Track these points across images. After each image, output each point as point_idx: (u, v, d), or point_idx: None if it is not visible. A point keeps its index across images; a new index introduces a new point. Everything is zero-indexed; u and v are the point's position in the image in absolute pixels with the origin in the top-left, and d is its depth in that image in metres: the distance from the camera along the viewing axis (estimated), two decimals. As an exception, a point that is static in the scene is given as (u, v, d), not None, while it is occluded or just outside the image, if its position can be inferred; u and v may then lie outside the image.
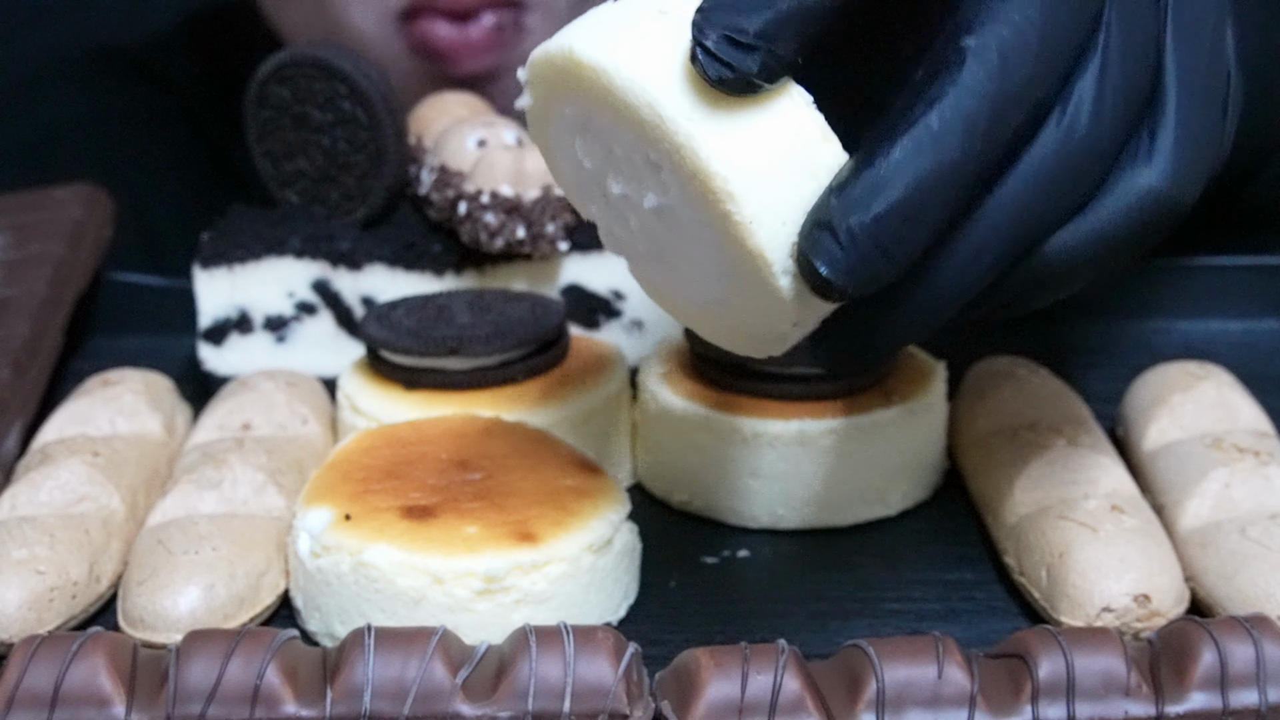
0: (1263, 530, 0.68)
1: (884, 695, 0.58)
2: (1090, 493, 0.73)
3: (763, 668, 0.58)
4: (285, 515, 0.72)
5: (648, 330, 0.88)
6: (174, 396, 0.83)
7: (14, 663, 0.58)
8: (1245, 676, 0.58)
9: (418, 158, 0.89)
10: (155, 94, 1.10)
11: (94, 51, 1.21)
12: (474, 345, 0.77)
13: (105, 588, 0.70)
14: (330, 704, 0.57)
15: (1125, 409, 0.82)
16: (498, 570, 0.65)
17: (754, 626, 0.69)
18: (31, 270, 0.89)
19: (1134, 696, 0.58)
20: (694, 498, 0.78)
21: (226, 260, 0.86)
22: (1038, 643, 0.59)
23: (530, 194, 0.82)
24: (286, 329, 0.87)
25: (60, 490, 0.72)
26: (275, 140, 0.88)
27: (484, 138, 0.86)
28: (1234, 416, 0.78)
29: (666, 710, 0.58)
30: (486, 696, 0.57)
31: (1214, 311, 0.99)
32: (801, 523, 0.77)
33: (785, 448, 0.75)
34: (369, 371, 0.80)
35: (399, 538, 0.65)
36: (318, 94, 0.86)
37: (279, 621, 0.70)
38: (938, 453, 0.80)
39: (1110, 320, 0.99)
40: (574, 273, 0.87)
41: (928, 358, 0.81)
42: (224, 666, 0.57)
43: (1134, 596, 0.66)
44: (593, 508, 0.68)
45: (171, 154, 1.20)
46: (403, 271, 0.86)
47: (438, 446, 0.72)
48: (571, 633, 0.59)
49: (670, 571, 0.73)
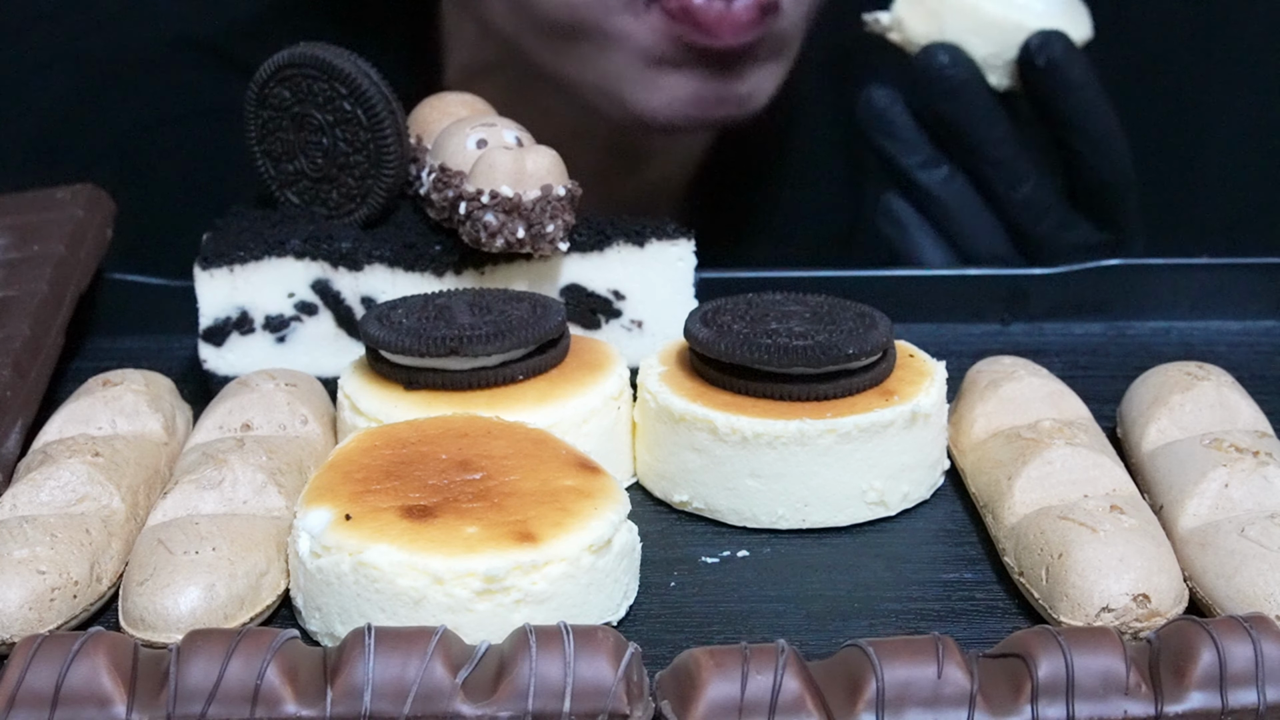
0: (1262, 530, 0.69)
1: (884, 695, 0.58)
2: (1090, 493, 0.73)
3: (763, 668, 0.58)
4: (285, 515, 0.72)
5: (648, 330, 0.88)
6: (174, 396, 0.83)
7: (15, 662, 0.58)
8: (1244, 676, 0.58)
9: (418, 158, 0.89)
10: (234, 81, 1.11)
11: (174, 41, 1.22)
12: (474, 345, 0.77)
13: (106, 587, 0.70)
14: (330, 704, 0.57)
15: (1125, 409, 0.82)
16: (498, 570, 0.65)
17: (754, 626, 0.69)
18: (32, 270, 0.89)
19: (1133, 696, 0.58)
20: (694, 498, 0.78)
21: (227, 260, 0.86)
22: (1037, 643, 0.59)
23: (530, 194, 0.82)
24: (287, 329, 0.87)
25: (61, 490, 0.72)
26: (275, 140, 0.89)
27: (484, 138, 0.86)
28: (1233, 417, 0.78)
29: (666, 710, 0.58)
30: (486, 696, 0.58)
31: (1214, 311, 0.99)
32: (801, 523, 0.77)
33: (785, 448, 0.75)
34: (369, 371, 0.80)
35: (399, 538, 0.66)
36: (318, 94, 0.86)
37: (279, 621, 0.70)
38: (938, 453, 0.80)
39: (1110, 320, 0.99)
40: (574, 273, 0.87)
41: (928, 358, 0.81)
42: (224, 666, 0.57)
43: (1133, 596, 0.66)
44: (593, 508, 0.68)
45: (172, 154, 1.20)
46: (403, 271, 0.86)
47: (438, 446, 0.72)
48: (571, 633, 0.59)
49: (670, 571, 0.73)
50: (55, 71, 1.22)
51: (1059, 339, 0.98)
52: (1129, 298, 0.99)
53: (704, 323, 0.79)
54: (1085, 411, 0.81)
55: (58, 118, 1.22)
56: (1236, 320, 0.99)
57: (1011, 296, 0.99)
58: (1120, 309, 0.99)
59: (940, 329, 0.98)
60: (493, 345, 0.77)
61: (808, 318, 0.78)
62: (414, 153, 0.89)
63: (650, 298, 0.88)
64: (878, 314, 0.79)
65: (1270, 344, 0.96)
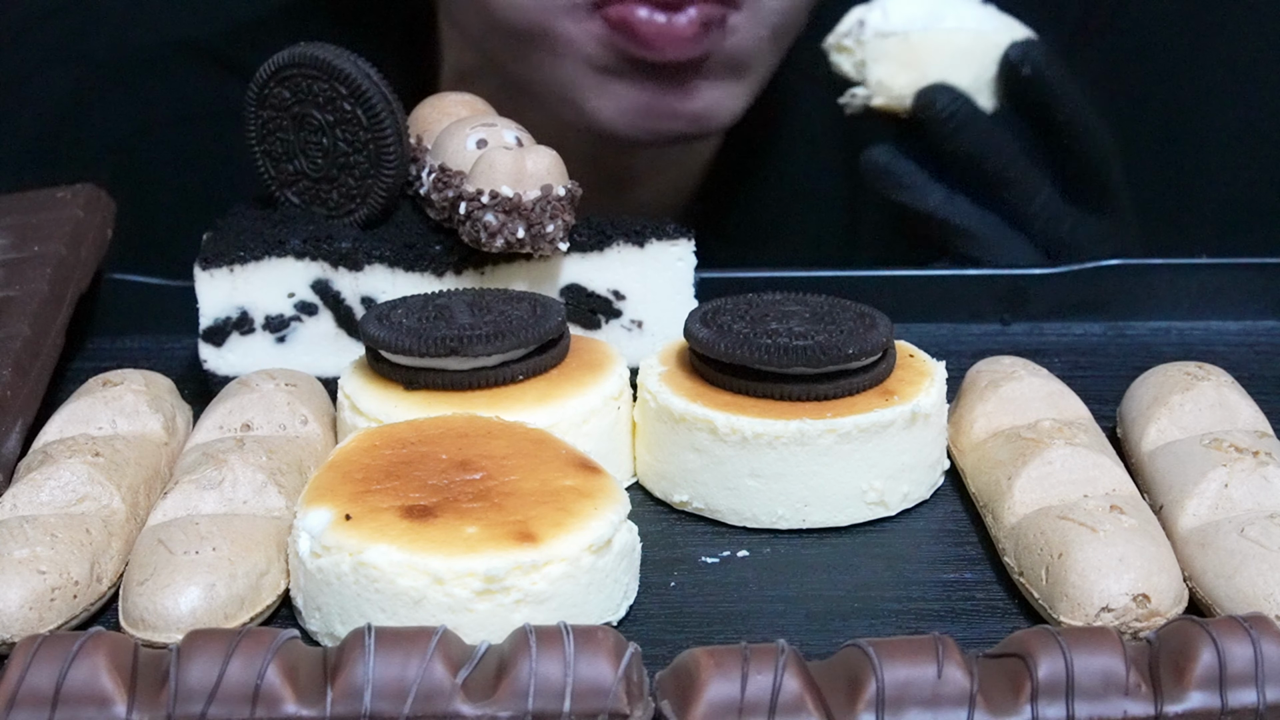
0: (1261, 530, 0.69)
1: (884, 695, 0.58)
2: (1090, 493, 0.73)
3: (763, 668, 0.58)
4: (285, 515, 0.72)
5: (648, 330, 0.88)
6: (174, 396, 0.83)
7: (15, 662, 0.58)
8: (1244, 676, 0.58)
9: (418, 158, 0.89)
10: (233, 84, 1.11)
11: (175, 41, 1.22)
12: (474, 345, 0.77)
13: (106, 587, 0.70)
14: (330, 704, 0.57)
15: (1125, 409, 0.82)
16: (498, 570, 0.65)
17: (754, 626, 0.69)
18: (32, 270, 0.89)
19: (1133, 696, 0.58)
20: (694, 498, 0.78)
21: (227, 260, 0.86)
22: (1037, 643, 0.59)
23: (530, 194, 0.82)
24: (287, 329, 0.87)
25: (61, 490, 0.72)
26: (275, 140, 0.89)
27: (484, 138, 0.86)
28: (1233, 417, 0.78)
29: (666, 710, 0.58)
30: (486, 696, 0.58)
31: (1214, 311, 0.99)
32: (801, 523, 0.77)
33: (785, 448, 0.75)
34: (369, 371, 0.80)
35: (399, 538, 0.66)
36: (318, 94, 0.86)
37: (279, 621, 0.70)
38: (937, 453, 0.80)
39: (1110, 320, 0.99)
40: (574, 273, 0.87)
41: (928, 358, 0.81)
42: (224, 666, 0.57)
43: (1133, 596, 0.66)
44: (593, 508, 0.68)
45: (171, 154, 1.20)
46: (403, 271, 0.86)
47: (438, 446, 0.72)
48: (571, 633, 0.59)
49: (670, 571, 0.73)
50: (55, 71, 1.22)
51: (1059, 339, 0.98)
52: (1129, 298, 0.99)
53: (704, 323, 0.79)
54: (1085, 411, 0.81)
55: (58, 118, 1.22)
56: (1236, 320, 0.99)
57: (1011, 296, 0.99)
58: (1120, 309, 0.99)
59: (940, 329, 0.98)
60: (493, 345, 0.77)
61: (808, 318, 0.78)
62: (414, 153, 0.89)
63: (650, 298, 0.88)
64: (878, 314, 0.79)
65: (1270, 344, 0.96)
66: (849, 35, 1.04)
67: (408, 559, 0.65)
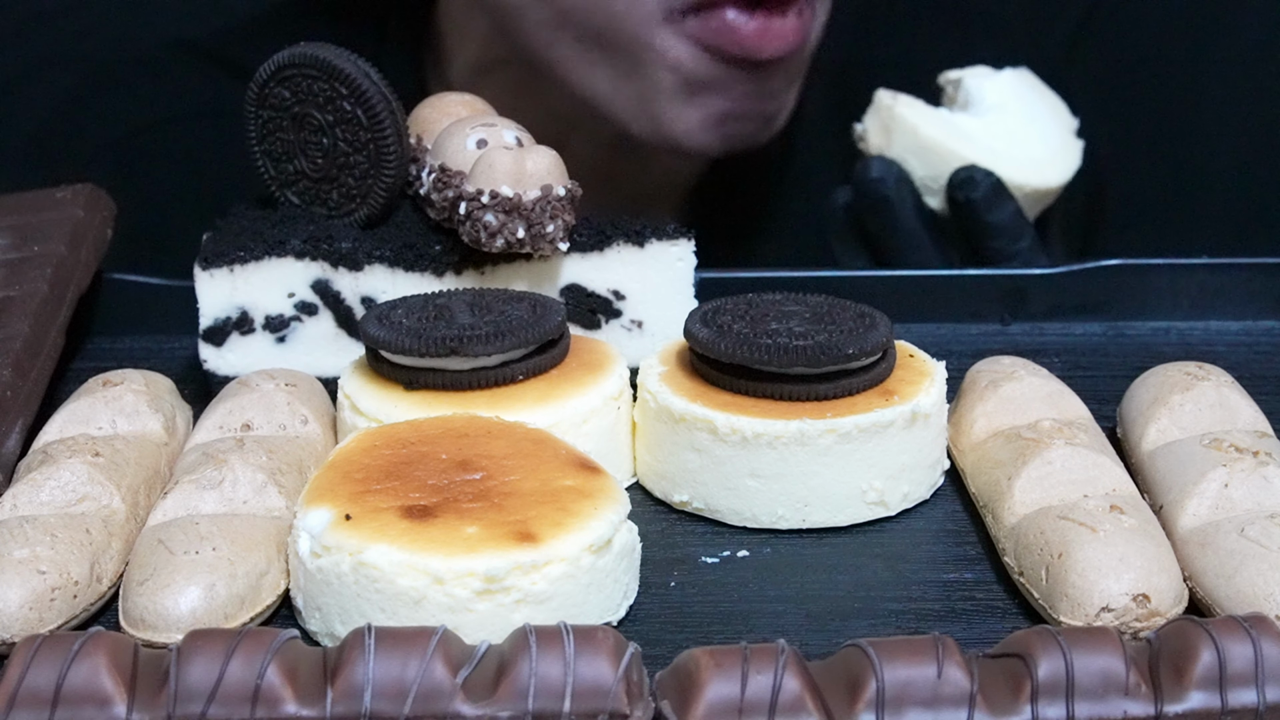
0: (1261, 530, 0.69)
1: (884, 695, 0.58)
2: (1090, 493, 0.73)
3: (763, 668, 0.58)
4: (285, 515, 0.72)
5: (648, 330, 0.88)
6: (174, 396, 0.83)
7: (15, 662, 0.58)
8: (1244, 676, 0.58)
9: (418, 158, 0.89)
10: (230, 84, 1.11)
11: (175, 41, 1.22)
12: (474, 345, 0.77)
13: (106, 587, 0.70)
14: (330, 704, 0.57)
15: (1125, 409, 0.82)
16: (498, 570, 0.65)
17: (754, 626, 0.69)
18: (32, 270, 0.89)
19: (1133, 696, 0.58)
20: (694, 498, 0.78)
21: (227, 260, 0.86)
22: (1037, 643, 0.59)
23: (530, 194, 0.82)
24: (287, 329, 0.87)
25: (61, 490, 0.72)
26: (275, 140, 0.89)
27: (484, 138, 0.86)
28: (1233, 417, 0.78)
29: (666, 710, 0.58)
30: (486, 696, 0.58)
31: (1214, 311, 0.99)
32: (801, 523, 0.77)
33: (785, 448, 0.75)
34: (369, 371, 0.80)
35: (399, 538, 0.66)
36: (318, 94, 0.86)
37: (279, 621, 0.70)
38: (937, 453, 0.80)
39: (1110, 320, 0.99)
40: (574, 273, 0.87)
41: (928, 358, 0.81)
42: (224, 666, 0.57)
43: (1133, 596, 0.66)
44: (593, 508, 0.68)
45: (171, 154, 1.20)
46: (403, 271, 0.86)
47: (438, 446, 0.72)
48: (571, 633, 0.59)
49: (670, 571, 0.73)
50: (55, 71, 1.22)
51: (1059, 339, 0.98)
52: (1129, 298, 0.99)
53: (704, 323, 0.79)
54: (1085, 411, 0.81)
55: (58, 118, 1.22)
56: (1236, 320, 0.99)
57: (1011, 296, 0.99)
58: (1120, 309, 0.99)
59: (940, 329, 0.98)
60: (493, 345, 0.77)
61: (808, 318, 0.78)
62: (414, 153, 0.89)
63: (650, 298, 0.88)
64: (878, 314, 0.79)
65: (1270, 344, 0.96)
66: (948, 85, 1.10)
67: (408, 559, 0.65)
